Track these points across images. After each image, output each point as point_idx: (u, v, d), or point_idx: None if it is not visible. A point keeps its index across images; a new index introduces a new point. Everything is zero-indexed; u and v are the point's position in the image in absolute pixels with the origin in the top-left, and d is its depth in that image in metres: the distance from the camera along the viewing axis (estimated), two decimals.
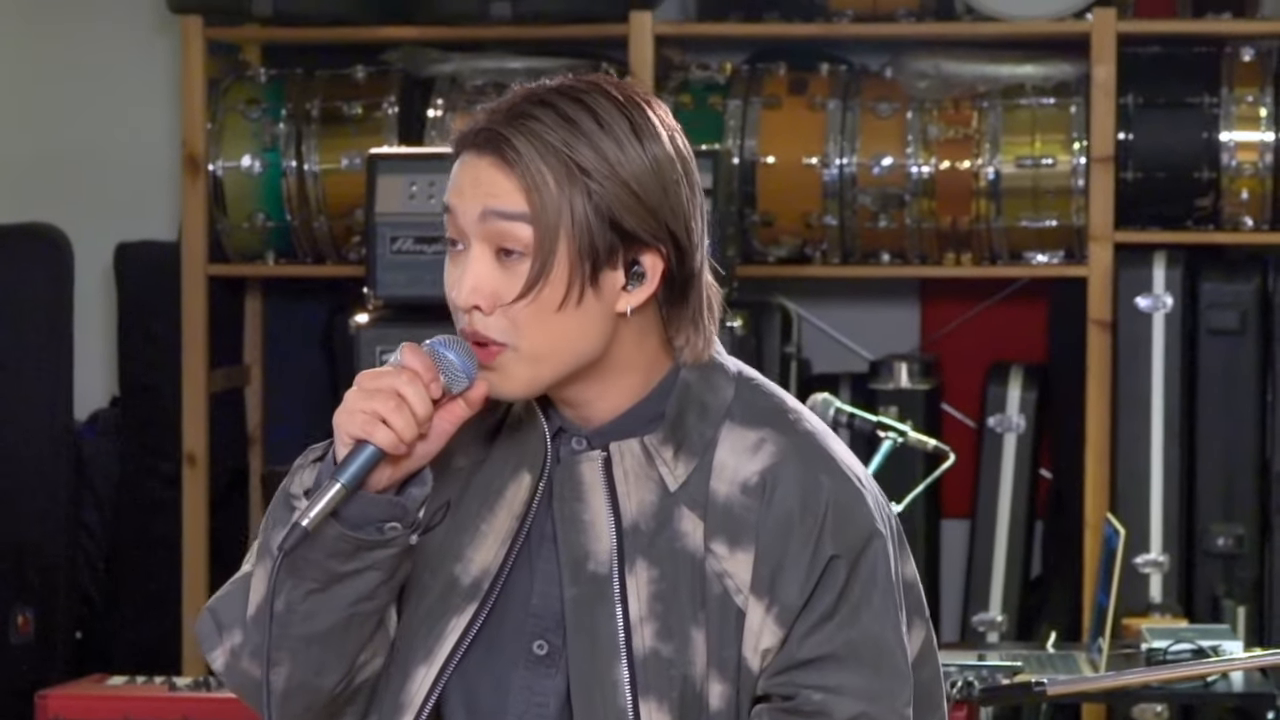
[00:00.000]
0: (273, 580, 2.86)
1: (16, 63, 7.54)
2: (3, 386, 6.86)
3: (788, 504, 2.91)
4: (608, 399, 2.98)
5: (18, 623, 6.77)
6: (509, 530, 2.99)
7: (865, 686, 2.92)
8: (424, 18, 6.88)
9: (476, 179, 2.90)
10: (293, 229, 7.01)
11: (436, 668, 3.00)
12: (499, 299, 2.88)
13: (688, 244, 2.94)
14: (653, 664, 2.93)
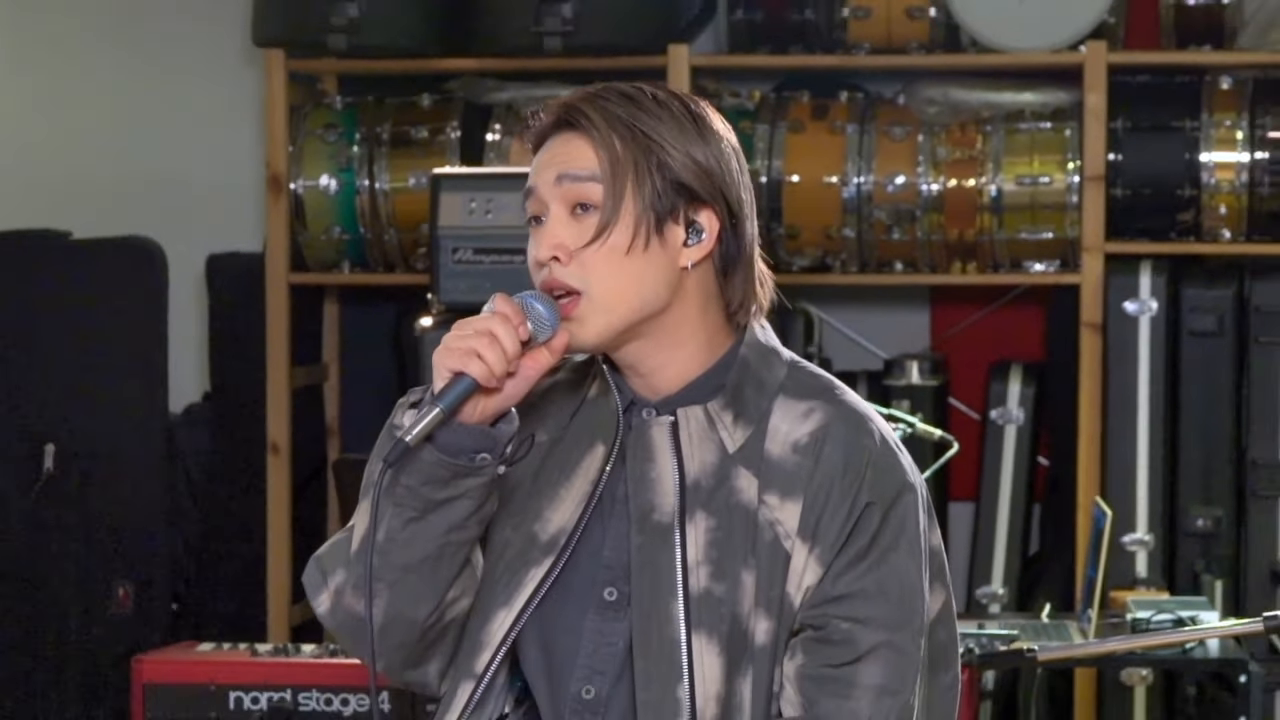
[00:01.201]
0: (376, 501, 2.99)
1: (118, 92, 7.56)
2: (105, 383, 6.88)
3: (834, 461, 3.00)
4: (673, 368, 3.06)
5: (119, 595, 6.80)
6: (584, 494, 3.08)
7: (888, 618, 3.00)
8: (483, 50, 6.92)
9: (553, 153, 3.04)
10: (365, 241, 7.05)
11: (515, 612, 3.08)
12: (570, 248, 2.99)
13: (739, 210, 3.05)
14: (705, 602, 3.01)
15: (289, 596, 6.89)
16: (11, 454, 6.89)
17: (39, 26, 7.63)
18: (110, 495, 6.88)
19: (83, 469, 6.85)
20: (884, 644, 2.98)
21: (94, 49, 7.60)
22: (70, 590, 6.80)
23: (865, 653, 2.98)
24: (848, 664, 2.98)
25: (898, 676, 2.99)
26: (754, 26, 6.92)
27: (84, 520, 6.84)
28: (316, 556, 3.18)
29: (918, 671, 3.03)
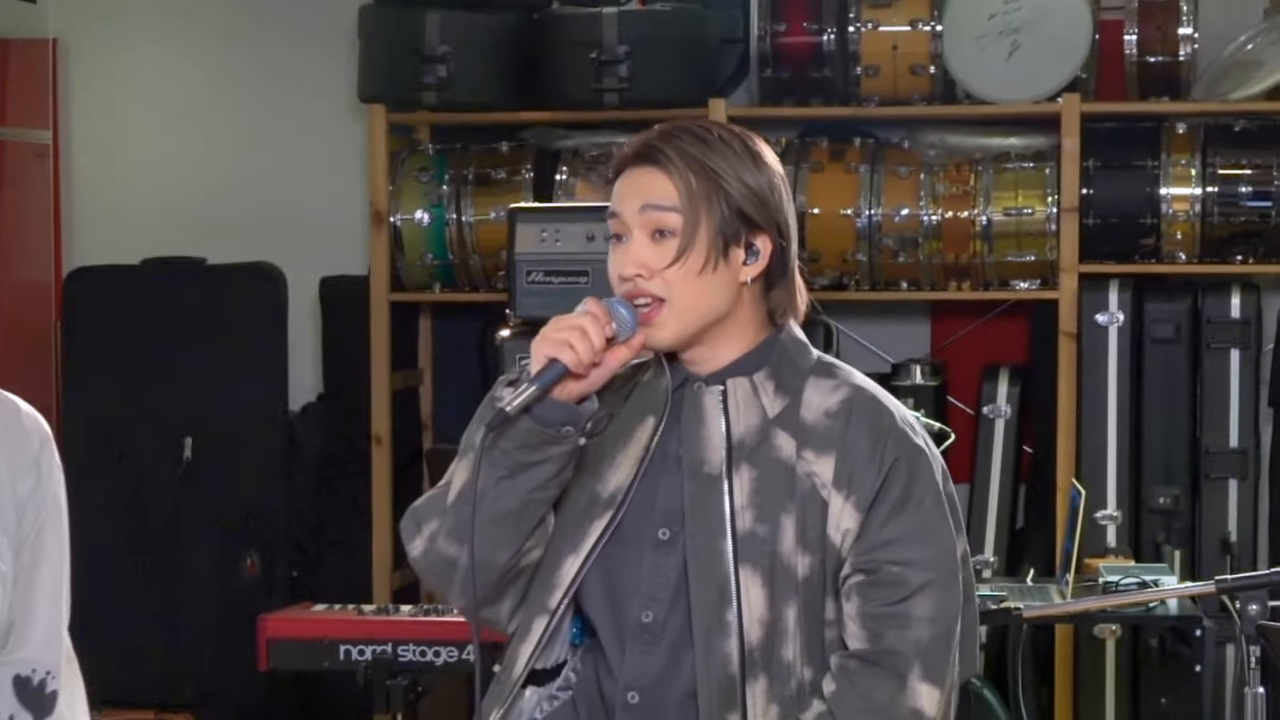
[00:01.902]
0: (478, 461, 3.04)
1: (248, 140, 7.57)
2: (235, 386, 6.89)
3: (862, 424, 3.08)
4: (721, 354, 3.13)
5: (247, 565, 6.81)
6: (637, 457, 3.13)
7: (929, 559, 3.06)
8: (552, 104, 6.88)
9: (635, 184, 3.11)
10: (453, 266, 7.02)
11: (581, 557, 3.13)
12: (653, 268, 3.05)
13: (787, 233, 3.14)
14: (749, 540, 3.06)
15: (391, 564, 6.88)
16: (157, 445, 6.91)
17: (182, 85, 7.62)
18: (239, 480, 6.89)
19: (216, 458, 6.88)
20: (930, 581, 3.04)
21: (228, 104, 7.60)
22: (206, 560, 6.82)
23: (915, 590, 3.03)
24: (902, 600, 3.03)
25: (944, 607, 3.05)
26: (781, 83, 6.88)
27: (217, 501, 6.86)
28: (413, 508, 3.25)
29: (958, 604, 3.08)
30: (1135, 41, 6.68)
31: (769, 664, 3.05)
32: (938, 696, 3.04)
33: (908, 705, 3.02)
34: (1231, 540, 6.64)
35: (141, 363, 6.89)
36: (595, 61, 6.70)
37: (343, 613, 5.46)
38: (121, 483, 6.84)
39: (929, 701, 3.03)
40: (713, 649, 3.05)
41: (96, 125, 7.64)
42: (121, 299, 6.96)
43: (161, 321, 6.91)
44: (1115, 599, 5.35)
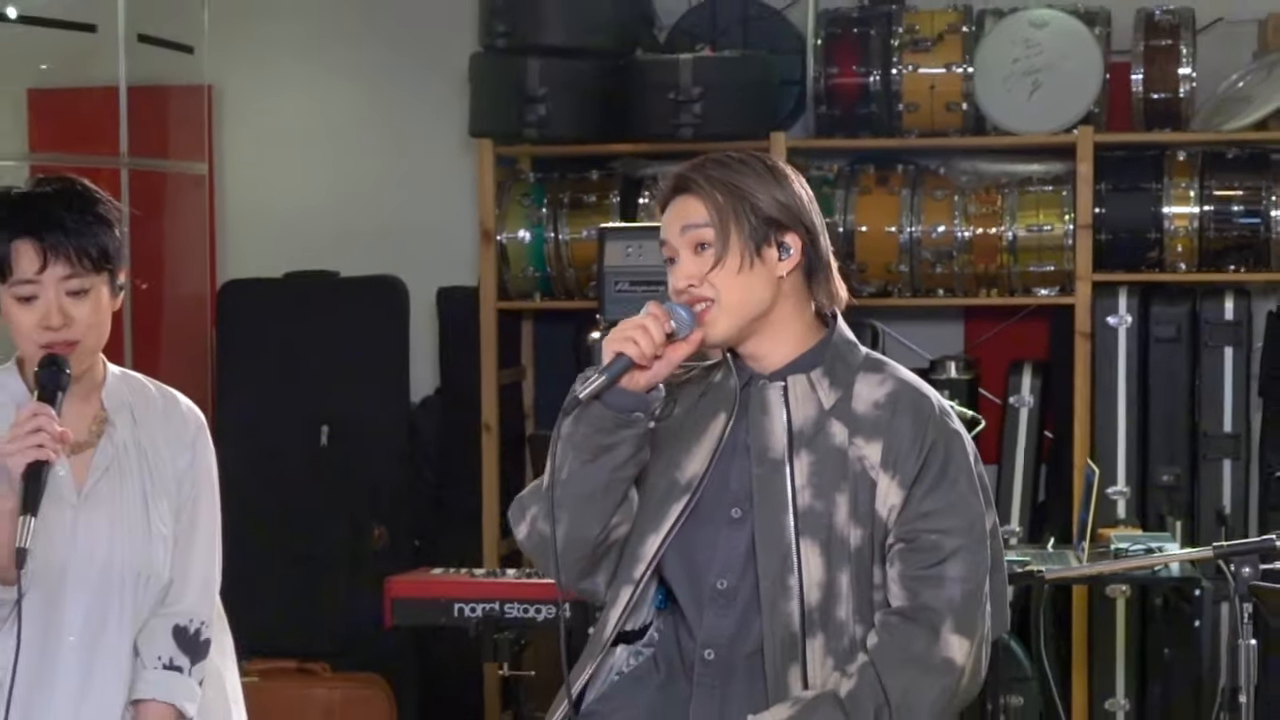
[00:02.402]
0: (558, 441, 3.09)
1: (373, 169, 7.60)
2: (364, 381, 6.94)
3: (906, 414, 3.09)
4: (779, 352, 3.14)
5: (375, 535, 6.84)
6: (710, 448, 3.15)
7: (961, 529, 3.07)
8: (635, 138, 6.90)
9: (675, 212, 3.16)
10: (551, 277, 7.04)
11: (662, 534, 3.16)
12: (699, 275, 3.09)
13: (814, 231, 3.16)
14: (808, 515, 3.08)
15: (498, 534, 6.91)
16: (298, 433, 6.95)
17: (319, 123, 7.67)
18: (368, 463, 6.91)
19: (349, 444, 6.91)
20: (961, 547, 3.06)
21: (358, 139, 7.64)
22: (341, 531, 6.84)
23: (948, 555, 3.05)
24: (937, 564, 3.06)
25: (973, 570, 3.07)
26: (833, 118, 6.89)
27: (350, 481, 6.88)
28: (518, 498, 3.30)
29: (986, 567, 3.10)
30: (1141, 80, 6.66)
31: (826, 623, 3.08)
32: (968, 647, 3.05)
33: (941, 654, 3.04)
34: (1226, 512, 6.63)
35: (284, 362, 6.94)
36: (673, 101, 6.70)
37: (457, 576, 5.48)
38: (268, 466, 6.87)
39: (959, 652, 3.05)
40: (777, 610, 3.08)
41: (245, 158, 7.69)
42: (267, 307, 7.02)
43: (301, 326, 6.96)
44: (1125, 563, 5.36)
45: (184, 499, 3.51)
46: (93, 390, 3.47)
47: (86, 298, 3.34)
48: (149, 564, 3.44)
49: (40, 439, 3.17)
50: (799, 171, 3.24)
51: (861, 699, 3.02)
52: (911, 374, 3.18)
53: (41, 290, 3.32)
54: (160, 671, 3.44)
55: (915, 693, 3.03)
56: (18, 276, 3.31)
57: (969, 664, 3.06)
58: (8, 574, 3.17)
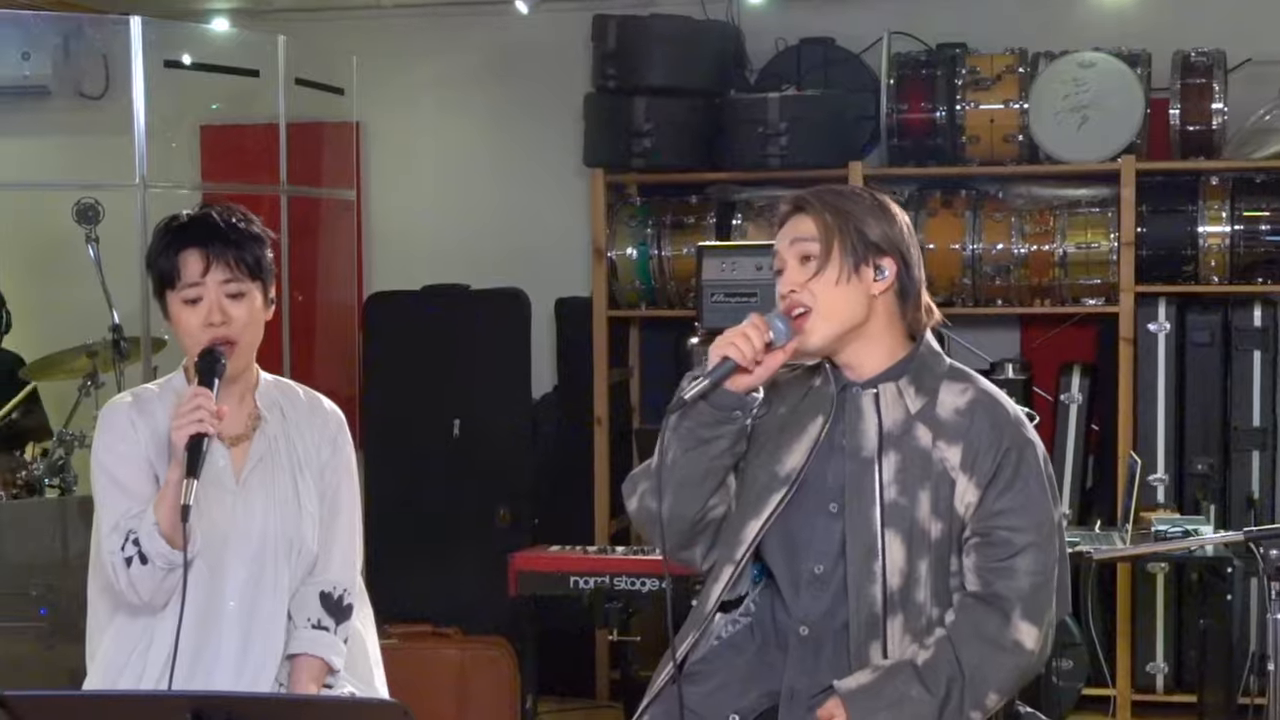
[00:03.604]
0: (666, 436, 3.11)
1: (499, 194, 7.62)
2: (491, 380, 6.91)
3: (985, 420, 3.06)
4: (871, 362, 3.11)
5: (500, 515, 6.83)
6: (808, 446, 3.13)
7: (1033, 526, 3.03)
8: (729, 166, 6.87)
9: (790, 227, 3.15)
10: (656, 289, 7.02)
11: (761, 520, 3.14)
12: (800, 283, 3.07)
13: (910, 259, 3.14)
14: (893, 509, 3.05)
15: (609, 514, 6.92)
16: (433, 427, 6.93)
17: (452, 155, 7.68)
18: (496, 451, 6.90)
19: (477, 435, 6.90)
20: (1032, 544, 3.02)
21: (487, 169, 7.66)
22: (471, 512, 6.84)
23: (1020, 550, 3.02)
24: (1009, 557, 3.03)
25: (1042, 565, 3.03)
26: (904, 149, 6.85)
27: (478, 468, 6.87)
28: (631, 475, 3.31)
29: (1055, 561, 3.06)
30: (1178, 114, 6.58)
31: (905, 604, 3.05)
32: (1037, 633, 3.03)
33: (1011, 637, 3.02)
34: (1255, 497, 6.54)
35: (422, 364, 6.94)
36: (762, 134, 6.68)
37: (572, 552, 5.47)
38: (408, 455, 6.90)
39: (1029, 637, 3.02)
40: (862, 592, 3.06)
41: (388, 186, 7.72)
42: (407, 316, 7.01)
43: (437, 333, 6.95)
44: (1165, 545, 5.28)
45: (327, 486, 3.56)
46: (248, 391, 3.54)
47: (243, 301, 3.40)
48: (299, 537, 3.49)
49: (200, 415, 3.24)
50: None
51: (937, 668, 2.99)
52: (991, 385, 3.16)
53: (204, 292, 3.37)
54: (310, 630, 3.49)
55: (986, 668, 3.00)
56: (184, 281, 3.37)
57: (1038, 649, 3.03)
58: (177, 538, 3.21)
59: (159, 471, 3.38)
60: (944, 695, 2.98)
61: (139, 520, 3.30)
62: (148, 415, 3.44)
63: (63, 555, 6.02)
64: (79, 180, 6.49)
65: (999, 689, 3.01)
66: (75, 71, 7.68)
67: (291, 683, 3.44)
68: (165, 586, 3.32)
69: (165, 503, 3.26)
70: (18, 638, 6.00)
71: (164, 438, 3.37)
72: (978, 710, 3.00)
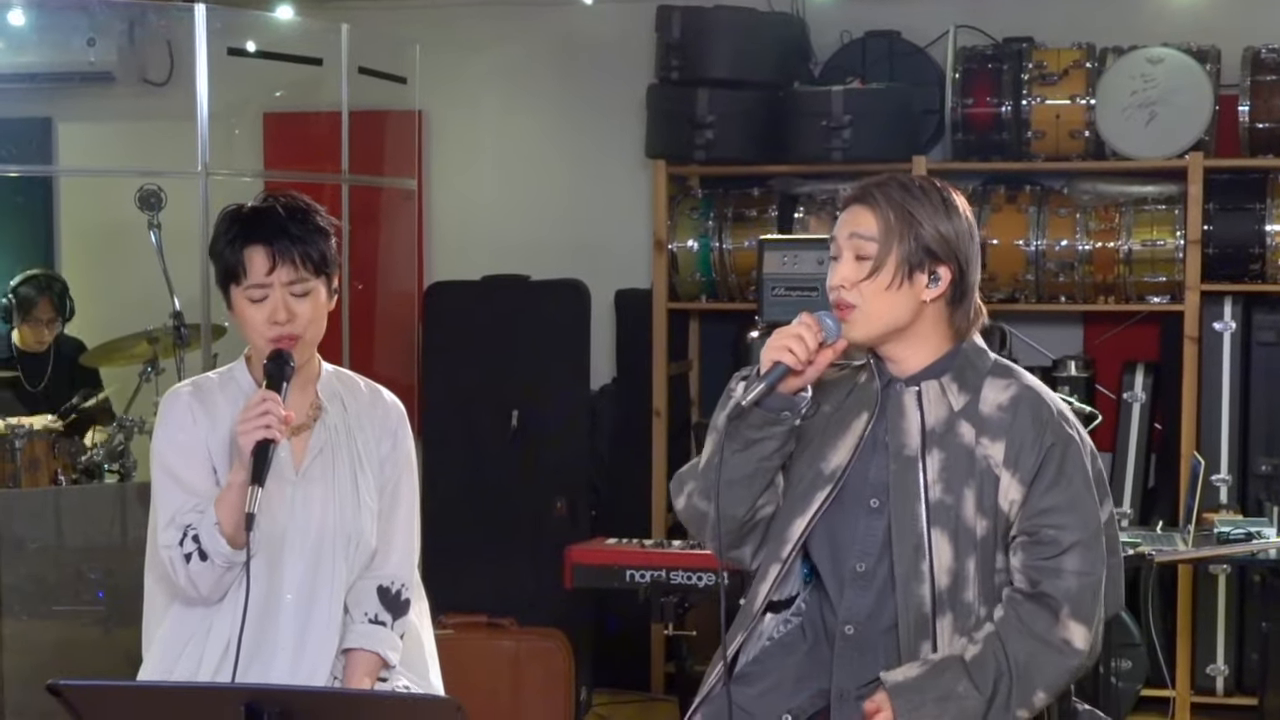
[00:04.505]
0: (721, 440, 3.08)
1: (561, 185, 7.61)
2: (550, 372, 6.90)
3: (1027, 416, 3.01)
4: (915, 359, 3.07)
5: (558, 507, 6.82)
6: (853, 444, 3.10)
7: (1078, 524, 2.98)
8: (791, 159, 6.84)
9: (851, 217, 3.08)
10: (716, 282, 7.00)
11: (807, 518, 3.11)
12: (852, 281, 3.02)
13: (967, 267, 3.07)
14: (939, 507, 3.01)
15: (666, 507, 6.89)
16: (493, 417, 6.91)
17: (515, 145, 7.69)
18: (554, 443, 6.89)
19: (536, 426, 6.89)
20: (1078, 542, 2.98)
21: (548, 159, 7.66)
22: (528, 503, 6.84)
23: (1067, 548, 2.98)
24: (1056, 556, 2.99)
25: (1089, 562, 2.99)
26: (969, 143, 6.80)
27: (536, 459, 6.86)
28: (678, 474, 3.30)
29: (1102, 561, 3.02)
30: (1247, 111, 6.51)
31: (954, 604, 3.02)
32: (1085, 632, 2.99)
33: (1060, 635, 2.98)
34: None
35: (481, 354, 6.94)
36: (825, 127, 6.65)
37: (629, 545, 5.46)
38: (466, 445, 6.90)
39: (1079, 636, 2.99)
40: (910, 592, 3.03)
41: (450, 175, 7.73)
42: (467, 306, 7.01)
43: (496, 323, 6.95)
44: (1227, 548, 5.22)
45: (386, 479, 3.55)
46: (309, 382, 3.52)
47: (308, 298, 3.38)
48: (358, 531, 3.48)
49: (268, 420, 3.21)
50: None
51: (985, 664, 2.97)
52: (1035, 380, 3.11)
53: (270, 290, 3.35)
54: (366, 625, 3.48)
55: (1035, 665, 2.97)
56: (251, 280, 3.35)
57: (1087, 647, 2.99)
58: (238, 538, 3.21)
59: (217, 464, 3.38)
60: (992, 692, 2.95)
61: (200, 517, 3.30)
62: (208, 405, 3.43)
63: (121, 540, 6.06)
64: (142, 167, 6.52)
65: (1047, 688, 2.98)
66: (140, 58, 7.73)
67: (346, 677, 3.44)
68: (224, 582, 3.32)
69: (227, 503, 3.25)
70: (76, 621, 6.04)
71: (224, 429, 3.37)
72: (1025, 709, 2.97)
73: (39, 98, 7.87)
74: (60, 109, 7.96)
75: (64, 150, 8.02)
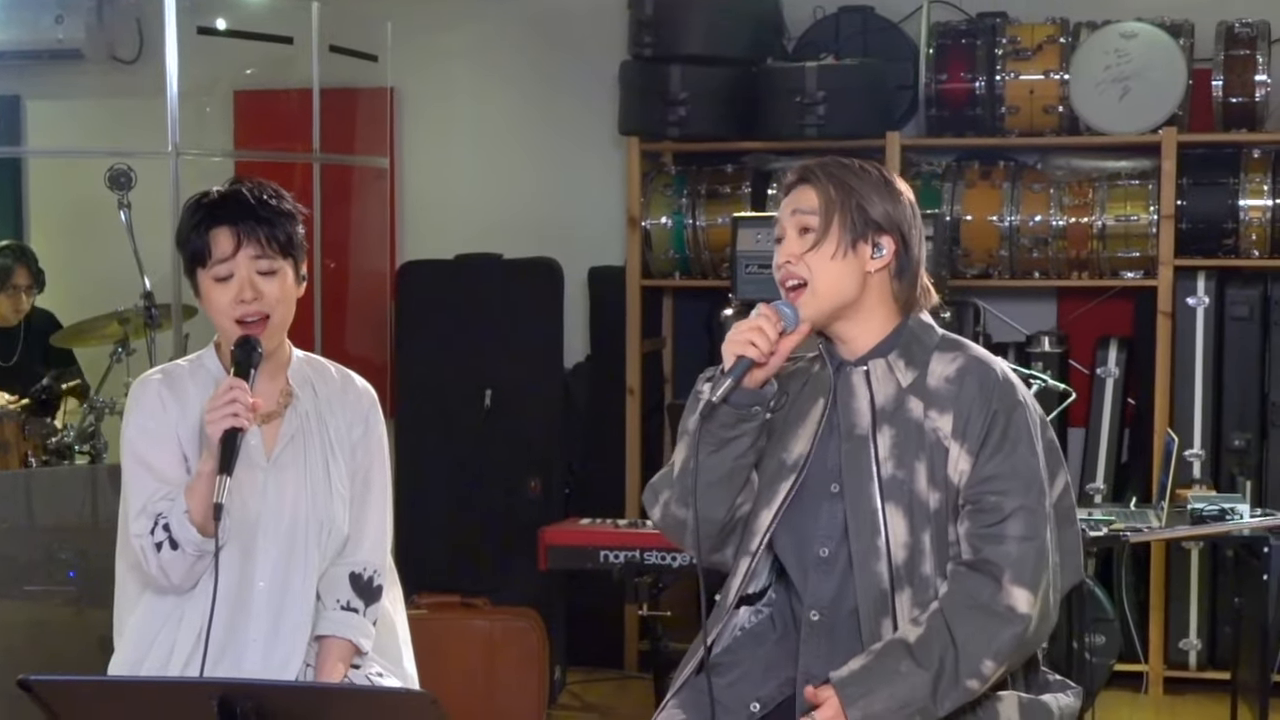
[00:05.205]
0: (695, 443, 3.08)
1: (534, 163, 7.58)
2: (523, 350, 6.88)
3: (974, 385, 3.03)
4: (864, 337, 3.09)
5: (531, 487, 6.81)
6: (812, 431, 3.10)
7: (1021, 489, 2.99)
8: (765, 136, 6.82)
9: (793, 198, 3.12)
10: (690, 259, 6.99)
11: (774, 510, 3.10)
12: (797, 254, 3.05)
13: (910, 239, 3.10)
14: (891, 483, 3.02)
15: (639, 486, 6.87)
16: (465, 397, 6.90)
17: (488, 123, 7.66)
18: (527, 422, 6.87)
19: (509, 405, 6.87)
20: (1021, 508, 2.98)
21: (522, 137, 7.62)
22: (501, 482, 6.82)
23: (1009, 514, 2.98)
24: (998, 523, 2.99)
25: (1032, 526, 2.98)
26: (942, 119, 6.79)
27: (509, 438, 6.84)
28: (651, 484, 3.28)
29: (1046, 524, 3.00)
30: (1221, 86, 6.51)
31: (912, 578, 3.03)
32: (1028, 597, 2.98)
33: (1004, 602, 2.97)
34: None
35: (454, 333, 6.91)
36: (799, 104, 6.63)
37: (602, 526, 5.45)
38: (439, 424, 6.88)
39: (1022, 601, 2.97)
40: (868, 569, 3.04)
41: (422, 153, 7.69)
42: (440, 285, 6.99)
43: (469, 302, 6.92)
44: (1202, 529, 5.19)
45: (358, 465, 3.54)
46: (280, 369, 3.51)
47: (275, 278, 3.37)
48: (330, 518, 3.46)
49: (235, 409, 3.20)
50: (913, 167, 3.18)
51: (929, 643, 2.96)
52: (983, 350, 3.13)
53: (235, 269, 3.34)
54: (339, 612, 3.47)
55: (980, 636, 2.96)
56: (215, 259, 3.34)
57: (1035, 613, 2.98)
58: (208, 527, 3.19)
59: (188, 452, 3.36)
60: (938, 667, 2.94)
61: (170, 505, 3.29)
62: (179, 392, 3.41)
63: (93, 521, 6.03)
64: (112, 148, 6.47)
65: (995, 656, 2.96)
66: (109, 36, 7.67)
67: (319, 664, 3.42)
68: (196, 570, 3.31)
69: (197, 493, 3.24)
70: (47, 602, 6.02)
71: (194, 416, 3.35)
72: (974, 678, 2.95)
73: (7, 76, 7.82)
74: (28, 87, 7.91)
75: (32, 128, 7.97)
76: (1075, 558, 3.15)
